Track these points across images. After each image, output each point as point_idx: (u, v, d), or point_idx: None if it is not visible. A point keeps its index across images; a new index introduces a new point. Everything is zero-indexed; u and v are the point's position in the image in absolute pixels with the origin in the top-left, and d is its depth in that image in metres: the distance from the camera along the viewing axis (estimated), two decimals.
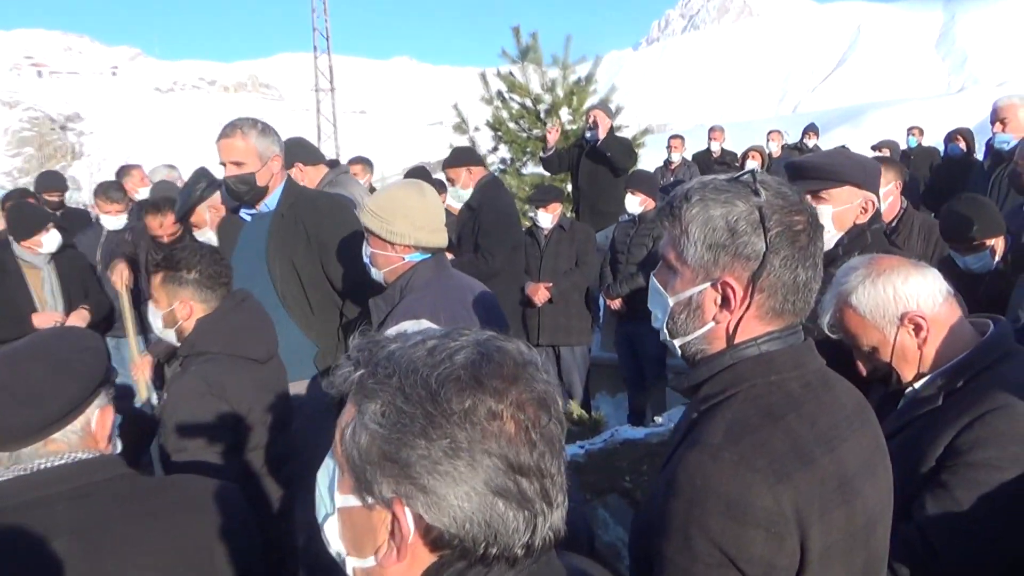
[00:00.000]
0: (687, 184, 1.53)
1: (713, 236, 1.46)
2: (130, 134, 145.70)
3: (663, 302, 1.57)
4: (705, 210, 1.47)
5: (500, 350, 1.03)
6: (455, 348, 1.02)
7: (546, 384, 1.04)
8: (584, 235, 6.35)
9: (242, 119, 3.70)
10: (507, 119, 10.48)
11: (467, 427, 0.97)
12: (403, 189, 3.00)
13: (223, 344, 2.83)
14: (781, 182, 1.50)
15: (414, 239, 2.95)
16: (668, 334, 1.57)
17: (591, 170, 8.15)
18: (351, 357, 1.05)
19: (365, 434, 1.00)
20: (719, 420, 1.42)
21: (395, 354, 1.03)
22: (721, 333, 1.51)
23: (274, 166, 3.69)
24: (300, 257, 3.65)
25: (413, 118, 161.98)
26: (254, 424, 2.77)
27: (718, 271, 1.47)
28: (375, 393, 1.00)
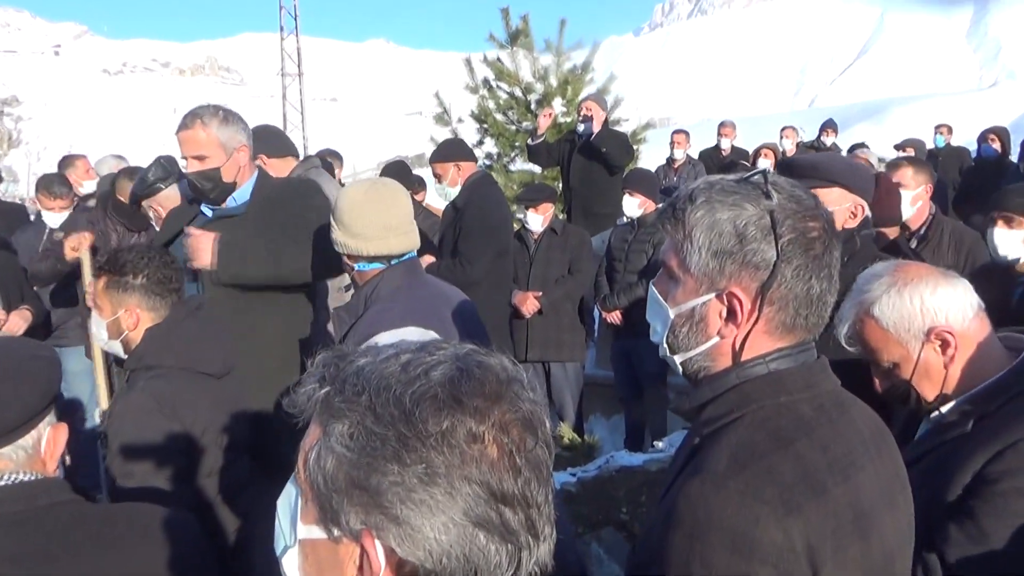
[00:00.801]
0: (692, 184, 1.54)
1: (719, 242, 1.47)
2: (74, 120, 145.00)
3: (663, 314, 1.57)
4: (711, 213, 1.48)
5: (481, 366, 1.03)
6: (432, 363, 1.01)
7: (532, 404, 1.04)
8: (578, 240, 6.37)
9: (202, 107, 3.69)
10: (494, 110, 10.51)
11: (445, 451, 0.97)
12: (348, 191, 2.99)
13: (175, 357, 2.82)
14: (795, 184, 1.52)
15: (352, 248, 2.96)
16: (668, 349, 1.58)
17: (584, 167, 8.17)
18: (315, 373, 1.05)
19: (331, 458, 0.99)
20: (723, 445, 1.42)
21: (365, 370, 1.02)
22: (726, 349, 1.52)
23: (241, 158, 3.69)
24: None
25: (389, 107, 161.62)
26: (209, 446, 2.75)
27: (724, 281, 1.48)
28: (342, 413, 0.99)
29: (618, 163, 7.99)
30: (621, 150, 8.01)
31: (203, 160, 3.64)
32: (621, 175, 7.85)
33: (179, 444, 2.66)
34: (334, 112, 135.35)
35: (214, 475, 2.75)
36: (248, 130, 3.75)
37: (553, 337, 6.27)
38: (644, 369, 6.30)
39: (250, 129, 3.80)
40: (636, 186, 6.31)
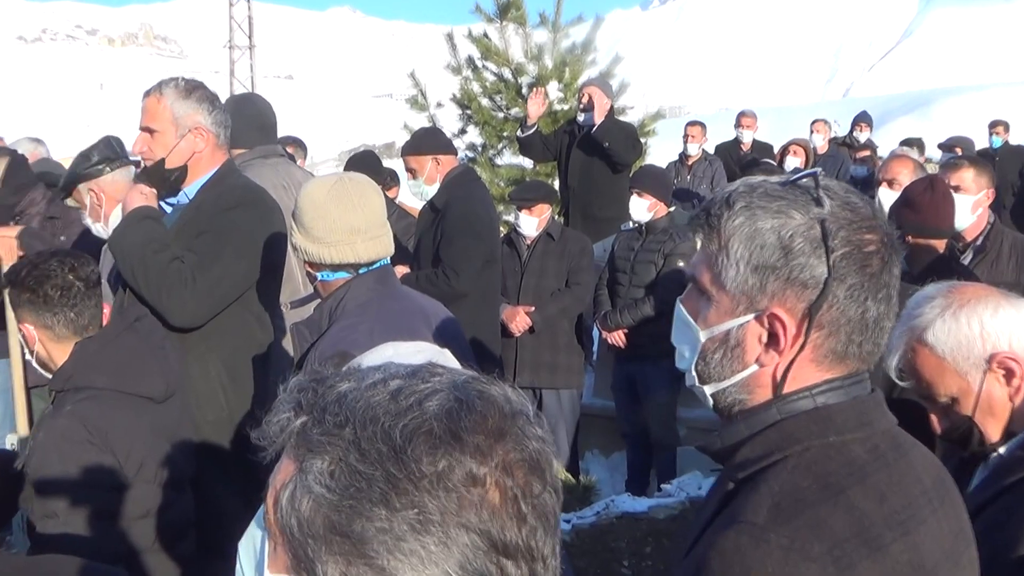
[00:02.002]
0: (730, 187, 1.54)
1: (761, 255, 1.47)
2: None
3: (692, 337, 1.58)
4: (752, 221, 1.48)
5: (483, 396, 1.03)
6: (426, 392, 1.01)
7: (540, 442, 1.04)
8: (578, 247, 6.38)
9: (174, 77, 3.74)
10: (479, 93, 10.54)
11: (440, 494, 0.96)
12: (309, 189, 2.99)
13: (108, 377, 2.82)
14: (850, 190, 1.53)
15: (314, 254, 2.96)
16: (697, 378, 1.58)
17: (584, 164, 8.20)
18: (289, 399, 1.04)
19: (308, 499, 0.98)
20: (763, 493, 1.42)
21: (348, 397, 1.02)
22: (766, 380, 1.52)
23: (196, 141, 3.68)
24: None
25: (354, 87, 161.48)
26: (147, 482, 2.74)
27: (765, 300, 1.49)
28: (322, 447, 0.99)
29: (623, 159, 8.02)
30: (627, 144, 8.04)
31: (152, 134, 3.65)
32: (627, 173, 7.88)
33: (111, 479, 2.65)
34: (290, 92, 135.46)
35: (151, 516, 2.74)
36: (218, 113, 3.73)
37: (546, 360, 6.27)
38: (650, 399, 6.31)
39: (225, 115, 3.79)
40: (645, 186, 6.33)
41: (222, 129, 3.75)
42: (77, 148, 5.51)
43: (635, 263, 6.30)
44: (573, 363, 6.40)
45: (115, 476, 2.68)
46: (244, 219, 3.66)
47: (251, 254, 3.64)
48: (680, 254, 6.16)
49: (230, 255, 3.59)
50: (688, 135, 10.72)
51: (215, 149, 3.74)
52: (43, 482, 2.54)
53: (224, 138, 3.80)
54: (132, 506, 2.72)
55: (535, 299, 6.27)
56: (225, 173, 3.79)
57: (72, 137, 32.65)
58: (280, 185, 4.72)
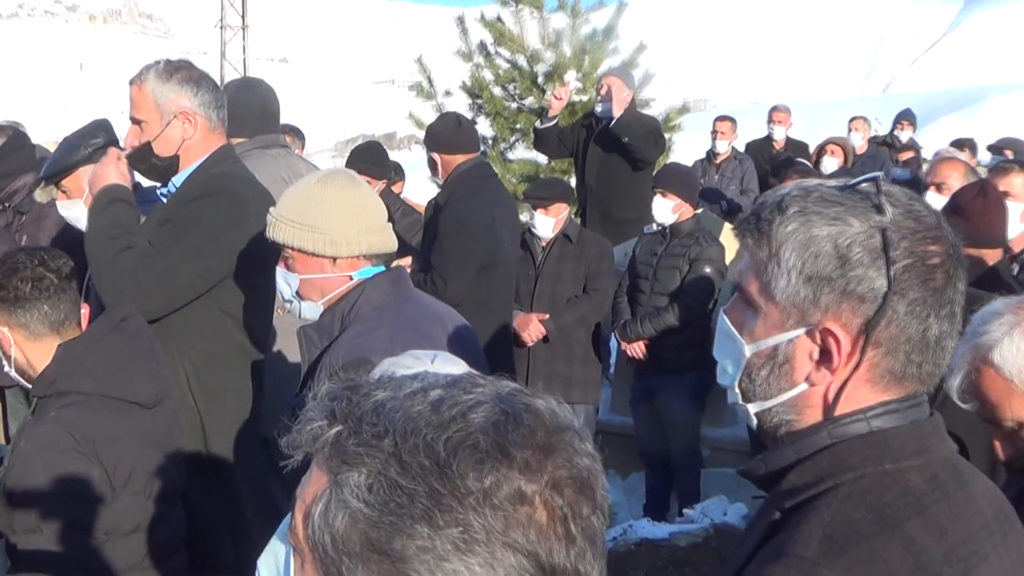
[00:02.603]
0: (782, 190, 1.55)
1: (815, 265, 1.47)
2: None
3: (736, 351, 1.58)
4: (806, 228, 1.48)
5: (530, 409, 1.04)
6: (469, 403, 1.02)
7: (590, 459, 1.05)
8: (597, 250, 6.38)
9: (156, 61, 3.73)
10: (491, 82, 10.55)
11: (486, 512, 0.97)
12: (324, 181, 3.04)
13: (94, 381, 2.83)
14: (914, 197, 1.53)
15: (364, 245, 2.98)
16: (740, 396, 1.58)
17: (602, 161, 8.20)
18: (322, 407, 1.05)
19: (344, 514, 0.99)
20: (813, 524, 1.42)
21: (386, 407, 1.03)
22: (817, 400, 1.52)
23: (185, 127, 3.67)
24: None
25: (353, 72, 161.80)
26: (136, 494, 2.75)
27: (818, 314, 1.49)
28: (359, 459, 1.00)
29: (644, 156, 8.01)
30: (648, 140, 8.03)
31: (141, 126, 3.67)
32: (649, 171, 7.88)
33: (99, 491, 2.65)
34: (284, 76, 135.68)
35: (141, 531, 2.74)
36: (206, 94, 3.70)
37: (561, 372, 6.27)
38: (672, 416, 6.31)
39: (216, 94, 3.75)
40: (669, 185, 6.34)
41: (213, 111, 3.72)
42: (53, 133, 5.48)
43: (658, 269, 6.30)
44: (589, 376, 6.41)
45: (103, 488, 2.68)
46: (208, 210, 3.63)
47: (213, 249, 3.60)
48: (707, 259, 6.16)
49: (185, 248, 3.56)
50: (716, 131, 10.72)
51: (207, 133, 3.72)
52: (25, 494, 2.55)
53: (218, 120, 3.77)
54: (121, 520, 2.73)
55: (550, 306, 6.27)
56: (218, 159, 3.76)
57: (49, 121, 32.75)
58: (281, 178, 4.71)
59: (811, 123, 18.41)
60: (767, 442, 1.59)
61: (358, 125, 75.27)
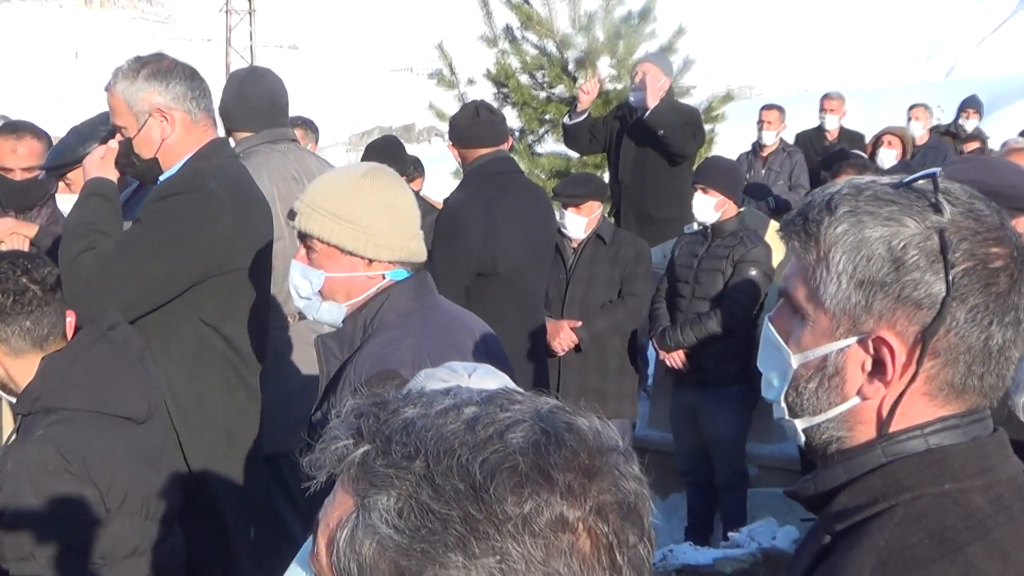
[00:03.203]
0: (831, 189, 1.55)
1: (867, 268, 1.48)
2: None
3: (782, 362, 1.59)
4: (858, 229, 1.48)
5: (572, 428, 1.04)
6: (507, 422, 1.03)
7: (637, 482, 1.05)
8: (634, 252, 6.37)
9: (127, 60, 3.74)
10: (518, 70, 10.57)
11: (526, 540, 0.98)
12: (371, 176, 3.01)
13: (83, 396, 2.84)
14: (974, 195, 1.52)
15: (406, 251, 2.98)
16: (787, 410, 1.59)
17: (637, 155, 8.19)
18: (347, 424, 1.06)
19: (372, 540, 1.00)
20: (866, 549, 1.42)
21: (416, 425, 1.03)
22: (869, 415, 1.52)
23: (164, 127, 3.69)
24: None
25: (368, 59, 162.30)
26: (132, 515, 2.77)
27: (871, 321, 1.49)
28: (388, 481, 1.00)
29: (681, 150, 8.00)
30: (685, 132, 8.00)
31: (123, 131, 3.72)
32: (688, 166, 7.87)
33: (93, 513, 2.67)
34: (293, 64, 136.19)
35: (140, 554, 2.76)
36: (179, 85, 3.71)
37: (594, 384, 6.27)
38: (715, 432, 6.29)
39: (192, 83, 3.76)
40: (711, 181, 6.31)
41: (191, 103, 3.72)
42: (48, 125, 5.49)
43: (699, 271, 6.28)
44: (625, 388, 6.42)
45: (97, 509, 2.70)
46: (174, 209, 3.61)
47: (177, 251, 3.59)
48: (752, 261, 6.13)
49: (145, 249, 3.55)
50: (763, 121, 10.68)
51: (189, 128, 3.73)
52: (16, 519, 2.57)
53: (200, 111, 3.76)
54: (117, 544, 2.74)
55: (582, 312, 6.27)
56: (205, 155, 3.76)
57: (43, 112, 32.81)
58: (291, 176, 4.73)
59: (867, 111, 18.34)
60: (816, 460, 1.60)
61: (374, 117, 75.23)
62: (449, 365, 2.18)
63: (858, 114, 13.62)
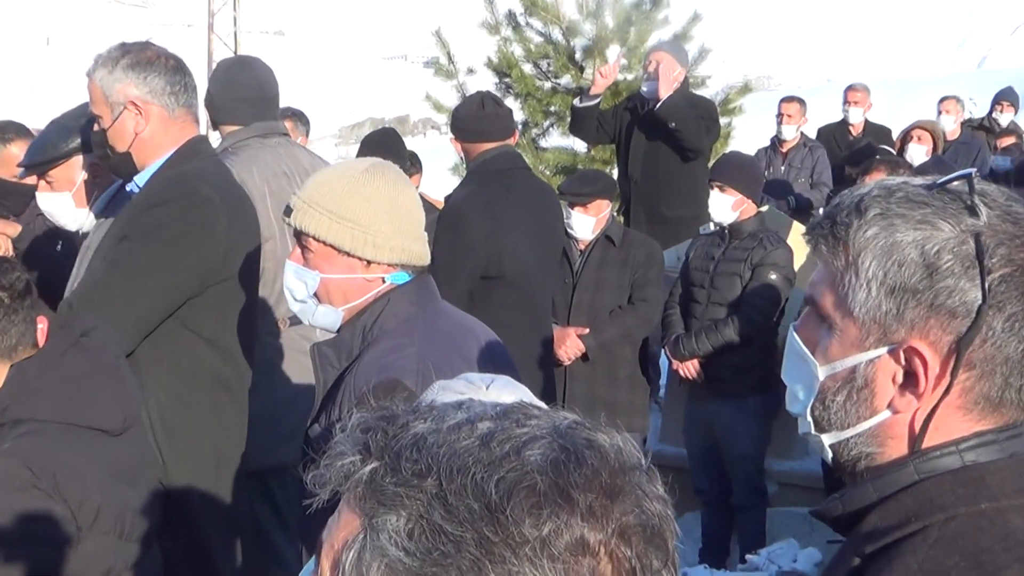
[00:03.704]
0: (860, 190, 1.55)
1: (899, 274, 1.48)
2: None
3: (808, 374, 1.59)
4: (889, 232, 1.49)
5: (592, 445, 1.04)
6: (523, 438, 1.03)
7: (661, 503, 1.06)
8: (645, 254, 6.37)
9: (110, 47, 3.75)
10: (521, 58, 10.57)
11: (543, 563, 0.98)
12: (373, 172, 3.00)
13: (53, 407, 2.84)
14: (1012, 197, 1.53)
15: (408, 254, 2.97)
16: (813, 425, 1.60)
17: (648, 150, 8.19)
18: (354, 439, 1.06)
19: (380, 563, 1.00)
20: (899, 572, 1.42)
21: (428, 441, 1.03)
22: (900, 430, 1.53)
23: (138, 121, 3.69)
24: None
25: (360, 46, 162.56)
26: (105, 535, 2.76)
27: (902, 330, 1.50)
28: (398, 501, 1.01)
29: (693, 144, 7.99)
30: (698, 125, 8.00)
31: (100, 122, 3.74)
32: (704, 162, 7.87)
33: (64, 533, 2.67)
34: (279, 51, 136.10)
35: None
36: (158, 78, 3.70)
37: (602, 395, 6.27)
38: (732, 447, 6.29)
39: (174, 76, 3.75)
40: (728, 178, 6.30)
41: (169, 98, 3.72)
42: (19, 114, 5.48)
43: (715, 275, 6.28)
44: (636, 400, 6.42)
45: (68, 528, 2.69)
46: (167, 219, 3.63)
47: (178, 262, 3.61)
48: (772, 264, 6.13)
49: (147, 265, 3.58)
50: (783, 114, 10.67)
51: (167, 124, 3.73)
52: None
53: (181, 106, 3.76)
54: (89, 564, 2.73)
55: (589, 319, 6.27)
56: (186, 154, 3.76)
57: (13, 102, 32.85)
58: (282, 172, 4.74)
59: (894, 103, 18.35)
60: (844, 478, 1.60)
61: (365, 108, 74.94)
62: (465, 377, 2.17)
63: (884, 107, 13.63)
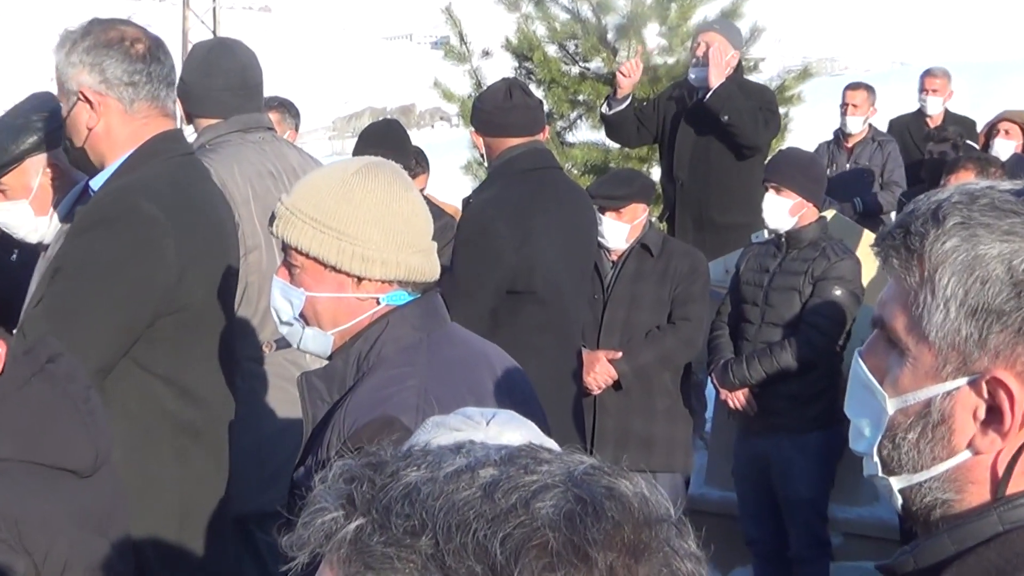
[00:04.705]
0: (937, 195, 1.56)
1: (982, 294, 1.49)
2: None
3: (875, 407, 1.60)
4: (971, 245, 1.50)
5: (613, 495, 1.04)
6: (533, 487, 1.03)
7: (693, 562, 1.06)
8: (688, 266, 6.37)
9: (84, 22, 3.78)
10: (544, 39, 10.56)
11: None
12: (365, 174, 2.98)
13: (14, 443, 2.84)
14: None
15: (403, 268, 2.95)
16: (880, 466, 1.61)
17: (696, 146, 8.19)
18: (336, 491, 1.06)
19: None
20: None
21: (421, 492, 1.03)
22: (983, 473, 1.54)
23: (90, 116, 3.68)
24: None
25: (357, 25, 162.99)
26: None
27: (985, 359, 1.50)
28: (388, 563, 1.01)
29: (751, 140, 7.99)
30: (756, 118, 8.00)
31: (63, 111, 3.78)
32: (760, 159, 7.86)
33: None
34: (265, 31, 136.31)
35: None
36: (115, 65, 3.68)
37: (638, 430, 6.27)
38: (790, 490, 6.27)
39: (132, 64, 3.71)
40: (784, 178, 6.29)
41: (127, 88, 3.69)
42: None
43: (770, 290, 6.27)
44: (677, 435, 6.41)
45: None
46: (103, 244, 3.61)
47: (124, 291, 3.60)
48: (836, 278, 6.10)
49: (87, 302, 3.57)
50: (847, 104, 10.64)
51: (124, 119, 3.72)
52: None
53: (143, 99, 3.73)
54: None
55: (622, 341, 6.27)
56: (143, 156, 3.74)
57: None
58: (268, 172, 4.74)
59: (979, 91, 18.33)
60: (917, 528, 1.61)
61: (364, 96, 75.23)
62: (463, 411, 2.14)
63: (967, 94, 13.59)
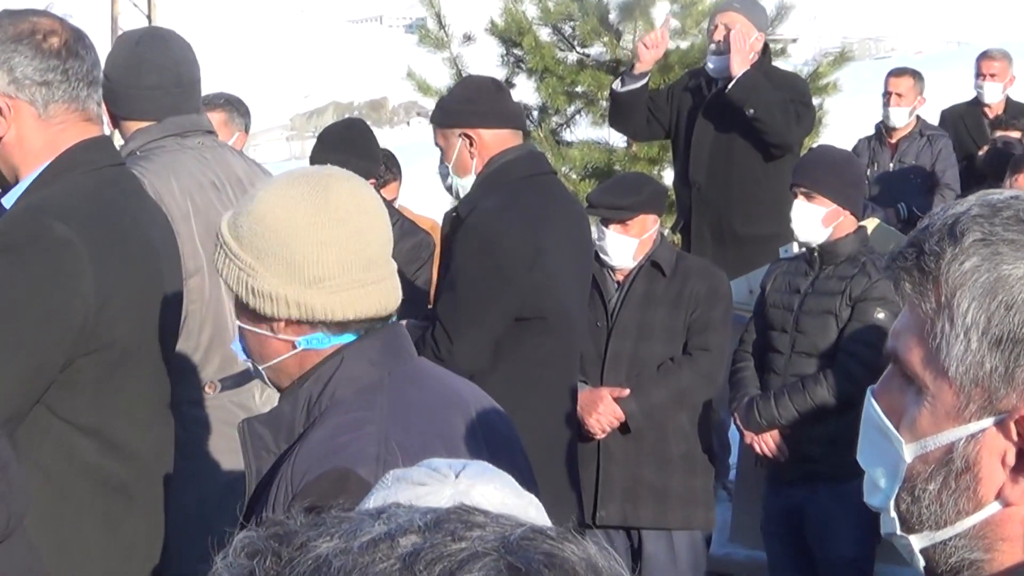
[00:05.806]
0: (957, 207, 1.60)
1: (1008, 321, 1.52)
2: None
3: (891, 454, 1.64)
4: (994, 265, 1.53)
5: (554, 563, 1.04)
6: (459, 556, 1.03)
7: None
8: (707, 287, 6.39)
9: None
10: (536, 20, 10.56)
11: None
12: (292, 184, 2.98)
13: None
14: None
15: (316, 308, 2.91)
16: (899, 522, 1.64)
17: (715, 145, 8.19)
18: (238, 568, 1.07)
19: None
20: None
21: (332, 566, 1.04)
22: (1015, 528, 1.57)
23: (11, 130, 3.70)
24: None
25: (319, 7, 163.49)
26: None
27: (1014, 395, 1.53)
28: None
29: (779, 137, 7.99)
30: (785, 111, 8.00)
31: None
32: (791, 160, 7.85)
33: None
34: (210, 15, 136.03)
35: None
36: (28, 64, 3.69)
37: (650, 480, 6.29)
38: (828, 548, 6.29)
39: (46, 61, 3.71)
40: (816, 182, 6.29)
41: (40, 88, 3.70)
42: None
43: (801, 314, 6.28)
44: (695, 486, 6.42)
45: None
46: (9, 277, 3.62)
47: (27, 334, 3.61)
48: (879, 299, 6.08)
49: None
50: (891, 92, 10.61)
51: (39, 125, 3.73)
52: None
53: (58, 101, 3.74)
54: None
55: (630, 376, 6.29)
56: (58, 169, 3.76)
57: None
58: (210, 183, 4.73)
59: None
60: None
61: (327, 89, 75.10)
62: (429, 463, 2.14)
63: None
